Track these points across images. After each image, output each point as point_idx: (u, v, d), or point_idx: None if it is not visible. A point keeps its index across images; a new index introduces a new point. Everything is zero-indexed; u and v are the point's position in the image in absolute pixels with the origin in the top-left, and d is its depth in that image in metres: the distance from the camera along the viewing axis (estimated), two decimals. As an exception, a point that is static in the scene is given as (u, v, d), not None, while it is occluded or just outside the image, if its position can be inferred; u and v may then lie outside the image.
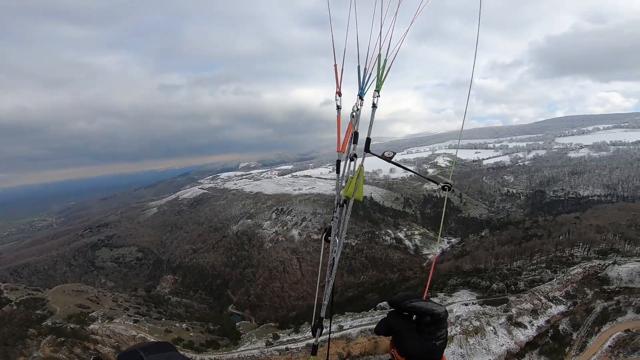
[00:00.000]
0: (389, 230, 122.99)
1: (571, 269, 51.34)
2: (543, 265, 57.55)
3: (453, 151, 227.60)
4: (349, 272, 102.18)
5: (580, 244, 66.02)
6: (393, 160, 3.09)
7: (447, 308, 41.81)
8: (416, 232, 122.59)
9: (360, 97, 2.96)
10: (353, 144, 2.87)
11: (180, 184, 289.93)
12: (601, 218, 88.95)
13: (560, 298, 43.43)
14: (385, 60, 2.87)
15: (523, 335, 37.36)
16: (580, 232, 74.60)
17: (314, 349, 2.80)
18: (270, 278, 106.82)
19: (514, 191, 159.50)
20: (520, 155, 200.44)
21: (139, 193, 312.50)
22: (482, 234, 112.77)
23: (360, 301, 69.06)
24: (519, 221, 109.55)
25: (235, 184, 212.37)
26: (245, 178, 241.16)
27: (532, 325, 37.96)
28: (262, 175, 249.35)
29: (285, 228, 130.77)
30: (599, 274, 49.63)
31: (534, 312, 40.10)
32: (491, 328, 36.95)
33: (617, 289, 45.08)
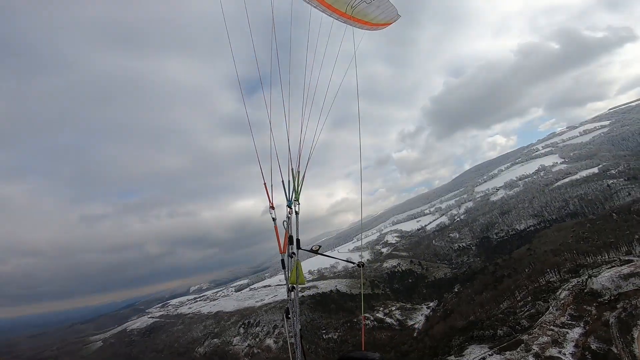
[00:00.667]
0: (366, 315, 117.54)
1: (558, 294, 51.49)
2: (529, 298, 56.94)
3: (398, 226, 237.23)
4: None
5: (548, 270, 68.09)
6: (319, 252, 4.67)
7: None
8: (393, 308, 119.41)
9: (289, 206, 3.81)
10: (290, 245, 3.73)
11: (125, 316, 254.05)
12: (549, 243, 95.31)
13: (570, 322, 42.12)
14: (298, 173, 3.76)
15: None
16: (541, 260, 78.19)
17: None
18: None
19: (464, 244, 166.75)
20: (454, 212, 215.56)
21: (75, 328, 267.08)
22: (456, 290, 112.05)
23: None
24: (482, 268, 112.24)
25: (190, 307, 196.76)
26: (200, 300, 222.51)
27: (564, 354, 35.10)
28: (218, 295, 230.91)
29: (257, 340, 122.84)
30: (585, 290, 50.35)
31: (556, 342, 37.63)
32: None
33: (612, 298, 45.68)
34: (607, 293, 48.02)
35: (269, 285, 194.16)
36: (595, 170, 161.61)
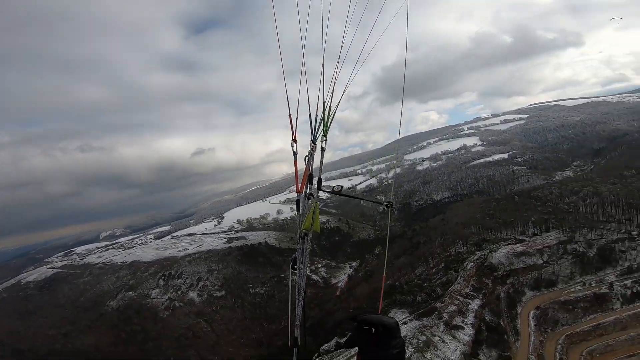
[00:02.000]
0: (294, 270, 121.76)
1: (465, 264, 59.48)
2: (442, 266, 65.11)
3: (330, 182, 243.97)
4: (267, 321, 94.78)
5: (458, 241, 77.75)
6: (342, 192, 3.92)
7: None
8: (320, 265, 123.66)
9: (313, 142, 3.38)
10: (309, 184, 3.30)
11: (19, 266, 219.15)
12: (460, 216, 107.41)
13: (472, 293, 49.41)
14: (330, 107, 3.34)
15: (465, 335, 40.48)
16: (453, 231, 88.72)
17: None
18: (180, 347, 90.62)
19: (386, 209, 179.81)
20: (383, 175, 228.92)
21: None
22: (377, 251, 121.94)
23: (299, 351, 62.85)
24: (402, 233, 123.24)
25: (100, 256, 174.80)
26: (113, 248, 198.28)
27: (466, 324, 41.58)
28: (134, 243, 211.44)
29: (179, 292, 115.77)
30: (485, 264, 58.99)
31: (461, 312, 44.19)
32: (438, 338, 38.67)
33: (505, 273, 54.32)
34: (501, 268, 56.99)
35: (194, 234, 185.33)
36: (505, 156, 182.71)
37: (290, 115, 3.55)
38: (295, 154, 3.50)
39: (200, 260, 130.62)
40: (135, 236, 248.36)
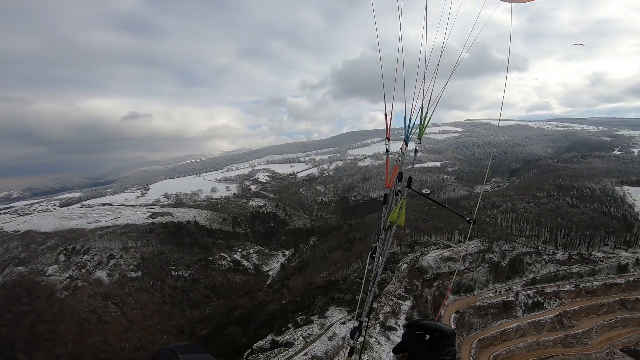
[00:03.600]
0: (223, 254, 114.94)
1: (399, 265, 62.55)
2: (377, 264, 67.64)
3: (271, 166, 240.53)
4: (190, 307, 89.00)
5: (393, 241, 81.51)
6: (430, 196, 3.85)
7: (330, 331, 42.40)
8: (252, 251, 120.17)
9: (406, 143, 3.76)
10: (398, 181, 3.50)
11: None
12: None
13: (404, 294, 52.06)
14: (427, 112, 3.50)
15: (398, 337, 41.92)
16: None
17: (351, 351, 3.30)
18: (82, 333, 79.53)
19: (326, 199, 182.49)
20: (325, 166, 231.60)
21: None
22: (311, 242, 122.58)
23: (222, 340, 59.80)
24: (338, 226, 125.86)
25: None
26: (5, 214, 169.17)
27: (399, 325, 43.55)
28: (32, 209, 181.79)
29: (84, 271, 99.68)
30: (416, 266, 62.69)
31: (394, 313, 46.22)
32: (374, 339, 39.88)
33: (432, 276, 58.24)
34: (430, 271, 61.06)
35: (110, 204, 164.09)
36: (438, 164, 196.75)
37: (385, 115, 3.77)
38: (387, 151, 3.83)
39: (114, 235, 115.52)
40: (36, 201, 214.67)
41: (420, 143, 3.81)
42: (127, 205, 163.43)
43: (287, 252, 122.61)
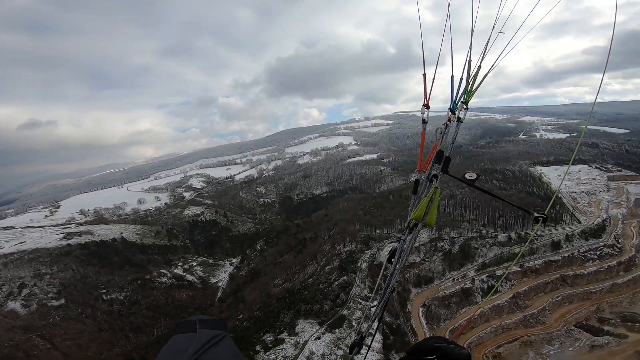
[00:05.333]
0: (162, 270, 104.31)
1: (359, 265, 61.32)
2: (335, 264, 65.82)
3: (206, 171, 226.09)
4: (134, 331, 78.41)
5: (347, 239, 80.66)
6: (477, 184, 2.63)
7: (307, 349, 38.83)
8: (195, 264, 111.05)
9: (452, 110, 2.71)
10: (436, 163, 2.58)
11: None
12: (342, 212, 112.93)
13: (370, 295, 50.67)
14: (479, 68, 2.63)
15: (375, 342, 40.39)
16: (339, 227, 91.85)
17: None
18: None
19: (269, 200, 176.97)
20: (264, 167, 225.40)
21: None
22: (258, 247, 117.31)
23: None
24: (285, 227, 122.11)
25: None
26: None
27: (373, 329, 41.36)
28: None
29: None
30: (375, 262, 62.12)
31: (366, 317, 43.94)
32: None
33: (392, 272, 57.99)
34: (389, 267, 60.90)
35: (13, 227, 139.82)
36: (375, 156, 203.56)
37: (425, 74, 2.94)
38: (424, 122, 2.95)
39: (21, 262, 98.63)
40: None
41: (467, 109, 2.68)
42: (33, 227, 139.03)
43: (234, 260, 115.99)
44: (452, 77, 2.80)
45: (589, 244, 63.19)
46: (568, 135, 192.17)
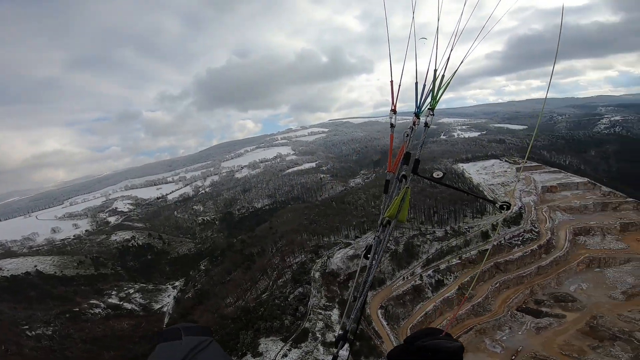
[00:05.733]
0: (93, 301, 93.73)
1: (312, 275, 60.79)
2: (289, 277, 64.50)
3: (133, 192, 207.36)
4: None
5: (296, 250, 79.75)
6: (444, 181, 2.92)
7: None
8: (132, 291, 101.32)
9: (417, 115, 2.91)
10: (404, 164, 2.81)
11: None
12: (287, 223, 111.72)
13: (328, 304, 50.34)
14: (443, 76, 2.83)
15: (343, 350, 39.07)
16: (286, 238, 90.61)
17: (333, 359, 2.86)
18: None
19: (208, 218, 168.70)
20: (199, 183, 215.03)
21: None
22: (203, 267, 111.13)
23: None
24: (230, 244, 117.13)
25: None
26: None
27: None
28: None
29: None
30: (327, 270, 62.22)
31: (329, 327, 43.75)
32: (321, 365, 36.45)
33: (345, 277, 58.58)
34: (341, 273, 61.55)
35: None
36: (314, 165, 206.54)
37: (392, 82, 3.08)
38: (392, 126, 3.14)
39: None
40: None
41: (433, 115, 2.89)
42: None
43: (177, 283, 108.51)
44: (416, 83, 2.93)
45: (512, 231, 70.99)
46: (479, 133, 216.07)
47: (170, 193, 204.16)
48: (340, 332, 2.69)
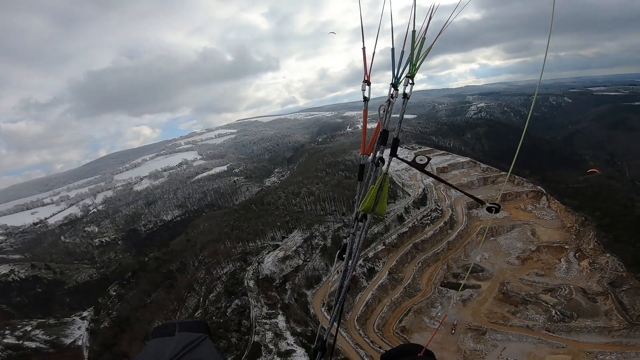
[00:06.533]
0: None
1: (246, 284, 58.29)
2: (221, 290, 60.80)
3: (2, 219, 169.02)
4: None
5: (222, 260, 75.40)
6: (427, 169, 2.40)
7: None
8: (29, 328, 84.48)
9: (394, 86, 2.50)
10: (381, 145, 2.38)
11: None
12: (206, 232, 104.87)
13: (271, 312, 48.46)
14: (424, 39, 2.46)
15: (299, 357, 38.33)
16: (208, 250, 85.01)
17: None
18: None
19: (107, 239, 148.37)
20: (89, 202, 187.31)
21: None
22: (113, 293, 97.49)
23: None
24: (142, 264, 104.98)
25: None
26: None
27: (290, 344, 39.65)
28: None
29: None
30: (261, 277, 60.48)
31: (279, 335, 41.91)
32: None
33: (281, 281, 57.74)
34: (276, 277, 60.42)
35: None
36: (225, 168, 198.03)
37: (364, 48, 2.62)
38: (366, 99, 2.63)
39: None
40: None
41: (413, 84, 2.41)
42: None
43: (85, 314, 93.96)
44: (392, 49, 2.59)
45: (421, 212, 79.43)
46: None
47: (51, 216, 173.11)
48: (317, 344, 2.44)
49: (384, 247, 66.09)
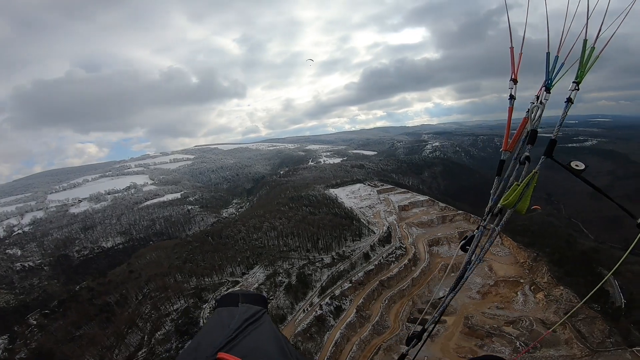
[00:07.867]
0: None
1: (201, 324, 52.33)
2: (171, 328, 54.09)
3: None
4: None
5: (174, 296, 68.07)
6: (583, 175, 2.32)
7: None
8: None
9: (547, 88, 2.47)
10: (528, 144, 2.40)
11: None
12: (153, 264, 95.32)
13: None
14: (593, 48, 2.38)
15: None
16: (155, 283, 76.58)
17: (401, 357, 2.80)
18: None
19: (31, 264, 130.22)
20: (14, 222, 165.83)
21: None
22: (33, 321, 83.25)
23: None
24: (73, 293, 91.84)
25: None
26: None
27: None
28: None
29: None
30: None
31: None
32: None
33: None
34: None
35: None
36: (179, 195, 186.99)
37: (512, 48, 2.62)
38: (512, 98, 2.59)
39: None
40: None
41: (578, 90, 2.31)
42: None
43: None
44: (547, 53, 2.49)
45: (386, 250, 79.25)
46: (341, 159, 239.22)
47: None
48: (415, 330, 2.44)
49: (350, 284, 64.01)
